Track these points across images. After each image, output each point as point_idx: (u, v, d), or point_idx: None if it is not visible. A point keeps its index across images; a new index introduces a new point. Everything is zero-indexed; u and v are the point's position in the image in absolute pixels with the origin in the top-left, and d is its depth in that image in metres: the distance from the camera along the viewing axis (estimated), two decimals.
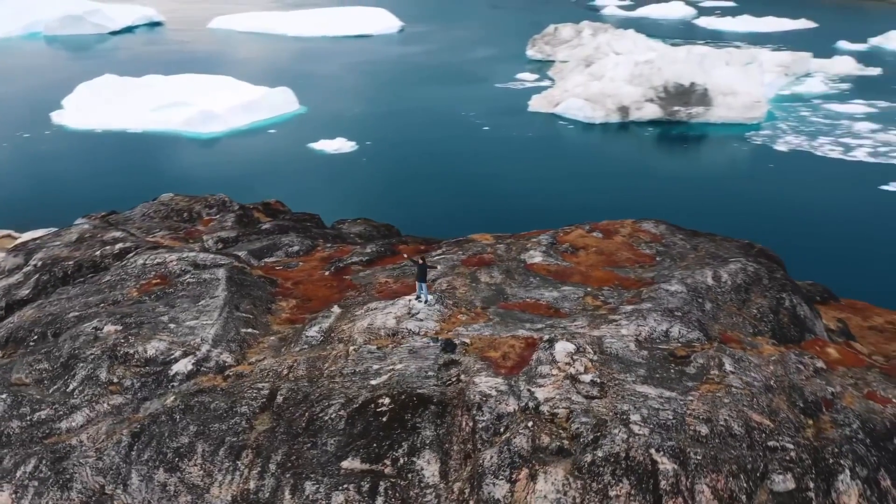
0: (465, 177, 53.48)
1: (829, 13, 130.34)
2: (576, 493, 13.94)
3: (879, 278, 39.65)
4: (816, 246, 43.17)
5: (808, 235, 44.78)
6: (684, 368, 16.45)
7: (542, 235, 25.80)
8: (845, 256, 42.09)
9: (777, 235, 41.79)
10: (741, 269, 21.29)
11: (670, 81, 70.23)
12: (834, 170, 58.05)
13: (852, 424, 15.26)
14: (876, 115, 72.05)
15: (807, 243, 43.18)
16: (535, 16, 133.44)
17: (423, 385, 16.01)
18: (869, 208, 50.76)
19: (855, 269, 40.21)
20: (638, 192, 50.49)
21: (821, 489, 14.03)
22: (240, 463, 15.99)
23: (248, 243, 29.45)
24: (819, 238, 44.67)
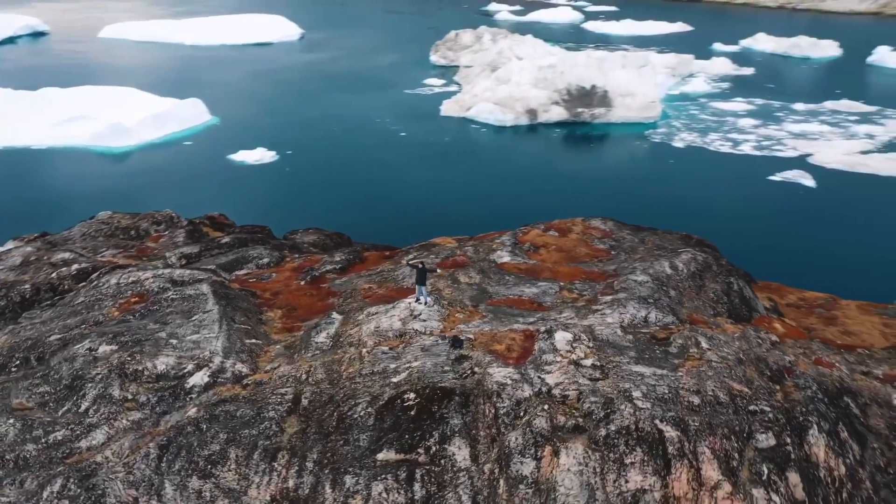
0: (393, 183, 54.87)
1: (702, 17, 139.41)
2: (596, 463, 15.88)
3: (779, 260, 43.80)
4: (720, 233, 47.01)
5: (711, 224, 48.63)
6: (667, 349, 18.72)
7: (504, 236, 27.70)
8: (747, 242, 46.12)
9: (686, 225, 45.56)
10: (692, 258, 23.93)
11: (573, 84, 74.01)
12: (726, 163, 63.06)
13: (812, 387, 17.91)
14: (755, 111, 78.38)
15: (711, 231, 47.06)
16: (431, 21, 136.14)
17: (442, 379, 17.54)
18: (760, 197, 55.59)
19: (757, 253, 44.21)
20: (559, 191, 53.44)
21: (795, 443, 16.53)
22: (276, 464, 17.02)
23: (213, 258, 29.91)
24: (721, 226, 48.56)
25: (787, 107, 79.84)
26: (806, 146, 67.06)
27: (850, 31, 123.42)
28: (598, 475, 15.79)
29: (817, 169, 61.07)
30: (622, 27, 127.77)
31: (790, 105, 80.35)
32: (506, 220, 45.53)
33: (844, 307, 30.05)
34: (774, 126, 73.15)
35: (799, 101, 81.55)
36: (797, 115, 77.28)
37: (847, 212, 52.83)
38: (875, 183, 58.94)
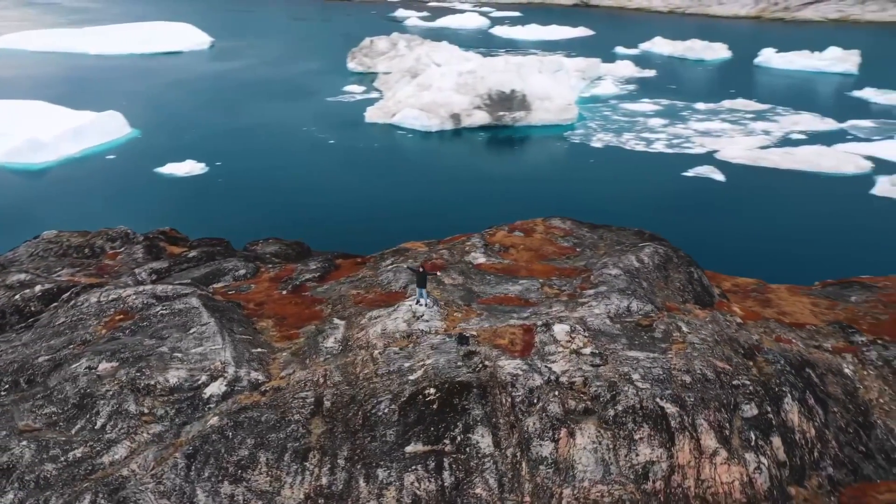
0: (332, 190, 55.48)
1: (601, 22, 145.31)
2: (608, 440, 17.61)
3: (703, 250, 47.12)
4: (648, 227, 50.16)
5: (638, 218, 51.74)
6: (652, 334, 20.67)
7: (473, 238, 29.19)
8: (672, 234, 49.33)
9: (618, 221, 48.47)
10: (655, 251, 26.12)
11: (493, 89, 76.38)
12: (642, 161, 66.77)
13: (780, 361, 20.24)
14: (662, 111, 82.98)
15: (639, 225, 50.19)
16: (339, 28, 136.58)
17: (458, 374, 18.86)
18: (677, 191, 59.28)
19: (683, 245, 47.43)
20: (497, 193, 55.51)
21: (774, 411, 18.75)
22: (308, 464, 17.92)
23: (185, 272, 30.09)
24: (647, 220, 51.70)
25: (690, 106, 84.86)
26: (712, 143, 71.67)
27: (736, 34, 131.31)
28: (611, 451, 17.53)
29: (724, 164, 65.45)
30: (528, 32, 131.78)
31: (692, 105, 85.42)
32: (456, 223, 47.24)
33: (775, 290, 33.11)
34: (681, 125, 77.74)
35: (700, 100, 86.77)
36: (700, 113, 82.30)
37: (755, 203, 57.07)
38: (776, 175, 63.72)
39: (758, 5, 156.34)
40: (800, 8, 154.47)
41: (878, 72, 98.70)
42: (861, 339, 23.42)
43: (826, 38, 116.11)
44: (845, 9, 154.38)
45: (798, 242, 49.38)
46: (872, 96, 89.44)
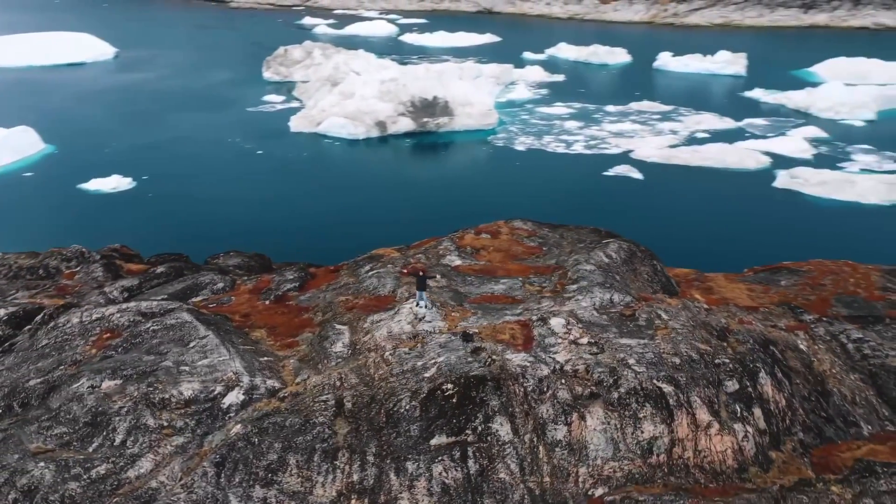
0: (272, 201, 55.49)
1: (506, 28, 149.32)
2: (616, 420, 19.32)
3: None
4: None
5: (572, 216, 54.27)
6: (636, 323, 22.58)
7: (444, 242, 30.49)
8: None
9: (554, 219, 50.91)
10: (619, 247, 28.18)
11: (416, 96, 77.83)
12: (565, 162, 69.76)
13: (749, 341, 22.52)
14: (576, 114, 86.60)
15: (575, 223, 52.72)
16: (245, 36, 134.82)
17: (470, 369, 20.15)
18: (601, 190, 62.40)
19: None
20: (439, 197, 57.08)
21: (751, 385, 20.95)
22: (337, 462, 18.80)
23: (159, 288, 30.05)
24: (581, 218, 54.36)
25: (601, 109, 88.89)
26: (626, 143, 75.52)
27: (633, 39, 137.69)
28: (619, 430, 19.25)
29: (640, 163, 69.18)
30: (437, 39, 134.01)
31: (603, 107, 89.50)
32: (408, 230, 48.46)
33: (713, 279, 35.89)
34: (596, 127, 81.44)
35: (609, 103, 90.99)
36: (611, 115, 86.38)
37: (673, 198, 60.75)
38: (687, 172, 67.89)
39: (649, 12, 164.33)
40: (687, 14, 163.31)
41: (762, 73, 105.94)
42: (809, 318, 26.17)
43: (714, 42, 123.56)
44: (727, 14, 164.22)
45: (717, 233, 53.03)
46: (761, 96, 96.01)
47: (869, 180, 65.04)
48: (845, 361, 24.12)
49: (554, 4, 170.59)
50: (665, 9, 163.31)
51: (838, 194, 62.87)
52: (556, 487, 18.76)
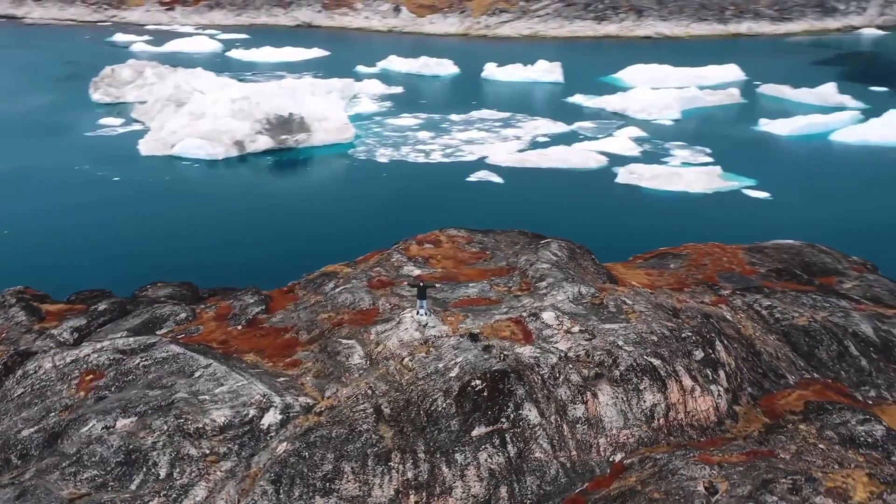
0: (150, 227, 53.60)
1: (331, 42, 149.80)
2: (622, 395, 22.31)
3: None
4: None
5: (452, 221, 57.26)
6: (608, 310, 25.75)
7: (394, 255, 32.09)
8: None
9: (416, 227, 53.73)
10: (560, 246, 31.36)
11: (271, 113, 77.48)
12: (430, 171, 72.77)
13: (697, 316, 26.44)
14: (425, 124, 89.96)
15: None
16: (58, 55, 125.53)
17: (491, 365, 22.26)
18: (467, 195, 65.92)
19: None
20: (324, 211, 57.78)
21: (711, 352, 24.79)
22: (391, 463, 20.24)
23: (113, 325, 29.15)
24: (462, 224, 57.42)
25: (446, 118, 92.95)
26: (479, 150, 79.91)
27: (454, 50, 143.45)
28: (626, 402, 22.26)
29: (497, 168, 73.64)
30: (265, 54, 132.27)
31: (447, 116, 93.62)
32: (309, 248, 49.08)
33: (613, 267, 40.17)
34: (447, 136, 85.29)
35: (452, 112, 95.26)
36: (457, 124, 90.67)
37: (533, 199, 65.36)
38: (540, 174, 73.19)
39: (463, 24, 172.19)
40: (498, 26, 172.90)
41: (577, 80, 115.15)
42: (725, 293, 30.77)
43: (530, 53, 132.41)
44: (533, 26, 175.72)
45: (578, 227, 57.86)
46: (583, 101, 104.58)
47: (691, 172, 73.68)
48: (763, 325, 28.82)
49: (373, 18, 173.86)
50: (478, 21, 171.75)
51: (669, 186, 70.76)
52: (583, 459, 21.44)
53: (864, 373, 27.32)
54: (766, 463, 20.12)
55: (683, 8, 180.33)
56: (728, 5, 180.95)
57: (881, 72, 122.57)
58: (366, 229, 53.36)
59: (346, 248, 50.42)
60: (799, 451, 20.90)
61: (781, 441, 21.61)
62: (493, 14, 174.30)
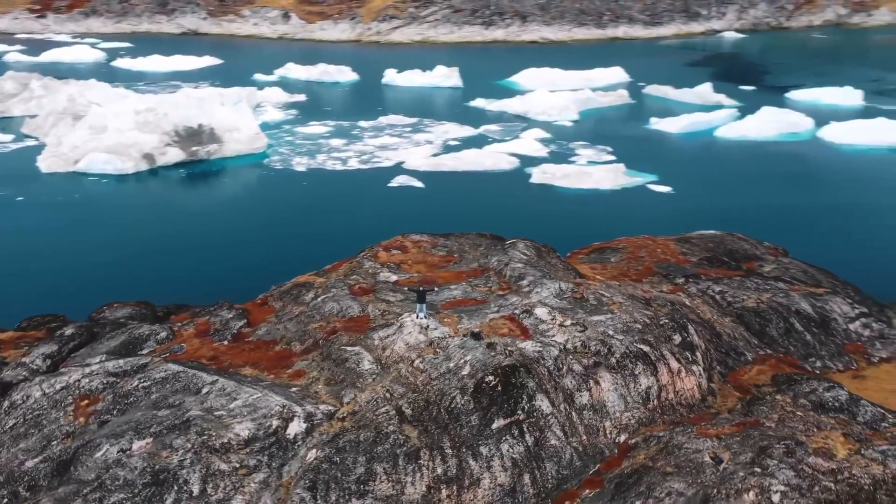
0: (78, 248, 51.29)
1: (223, 50, 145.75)
2: (620, 380, 23.96)
3: None
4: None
5: (378, 226, 57.89)
6: (590, 303, 27.40)
7: (365, 262, 32.58)
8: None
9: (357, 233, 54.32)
10: (526, 245, 32.83)
11: (179, 125, 75.28)
12: (350, 178, 72.88)
13: (666, 305, 28.56)
14: (335, 132, 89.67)
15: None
16: None
17: (500, 361, 23.37)
18: (388, 201, 66.67)
19: None
20: (245, 225, 56.97)
21: (686, 335, 26.84)
22: (421, 462, 21.01)
23: (89, 349, 28.22)
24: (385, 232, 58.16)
25: (356, 125, 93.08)
26: (394, 155, 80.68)
27: (350, 56, 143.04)
28: (625, 387, 23.94)
29: (416, 172, 74.65)
30: (153, 63, 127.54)
31: (356, 123, 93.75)
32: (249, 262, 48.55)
33: None
34: (360, 143, 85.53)
35: (360, 119, 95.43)
36: (368, 131, 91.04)
37: (457, 201, 66.92)
38: (457, 177, 74.77)
39: (355, 31, 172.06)
40: (389, 32, 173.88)
41: (475, 84, 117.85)
42: (679, 281, 33.16)
43: (426, 58, 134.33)
44: (424, 32, 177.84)
45: (507, 226, 60.00)
46: (485, 105, 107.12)
47: (599, 170, 77.25)
48: (718, 309, 31.37)
49: (262, 25, 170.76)
50: (369, 28, 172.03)
51: (581, 184, 73.98)
52: (592, 442, 22.93)
53: (810, 346, 30.32)
54: (758, 431, 22.25)
55: (564, 13, 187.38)
56: (605, 11, 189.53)
57: (746, 72, 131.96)
58: (307, 238, 53.30)
59: (293, 257, 50.47)
60: (781, 419, 23.19)
61: (764, 411, 23.87)
62: (384, 20, 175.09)
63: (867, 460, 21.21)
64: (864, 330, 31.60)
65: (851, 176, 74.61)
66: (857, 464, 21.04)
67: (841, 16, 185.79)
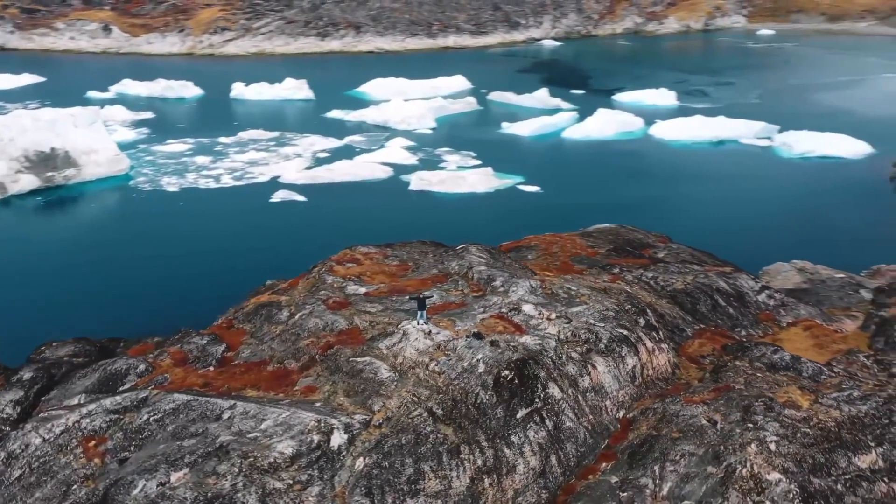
0: None
1: (42, 67, 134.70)
2: (612, 362, 26.39)
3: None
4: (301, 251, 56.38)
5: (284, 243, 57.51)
6: (561, 297, 29.63)
7: (327, 277, 32.89)
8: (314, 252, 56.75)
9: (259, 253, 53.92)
10: (480, 248, 34.57)
11: (30, 150, 69.86)
12: (229, 196, 71.11)
13: (621, 293, 31.38)
14: (198, 149, 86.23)
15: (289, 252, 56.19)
16: None
17: (509, 356, 25.00)
18: (269, 216, 65.97)
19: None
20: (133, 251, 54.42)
21: (647, 318, 29.82)
22: (462, 457, 22.27)
23: (62, 391, 26.53)
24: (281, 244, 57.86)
25: (216, 141, 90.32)
26: (267, 170, 79.44)
27: (184, 71, 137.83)
28: (616, 368, 26.40)
29: (293, 186, 74.15)
30: None
31: (217, 139, 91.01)
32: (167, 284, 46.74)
33: None
34: (227, 159, 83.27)
35: (220, 135, 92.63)
36: (231, 147, 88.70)
37: (345, 213, 67.44)
38: (338, 188, 75.07)
39: (185, 44, 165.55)
40: (223, 45, 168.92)
41: (327, 95, 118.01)
42: (616, 271, 36.26)
43: (266, 70, 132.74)
44: (259, 44, 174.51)
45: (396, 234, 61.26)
46: (343, 116, 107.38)
47: (471, 174, 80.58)
48: (654, 293, 34.74)
49: (80, 39, 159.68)
50: (200, 41, 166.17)
51: (459, 188, 76.85)
52: (598, 420, 25.17)
53: (734, 318, 34.43)
54: (735, 394, 25.46)
55: (396, 24, 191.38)
56: (433, 21, 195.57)
57: (572, 77, 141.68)
58: (207, 258, 51.99)
59: (200, 278, 49.14)
60: (747, 381, 26.60)
61: (730, 377, 27.21)
62: (216, 33, 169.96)
63: (825, 407, 25.00)
64: (769, 300, 36.28)
65: (685, 168, 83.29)
66: (819, 411, 24.76)
67: (638, 24, 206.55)
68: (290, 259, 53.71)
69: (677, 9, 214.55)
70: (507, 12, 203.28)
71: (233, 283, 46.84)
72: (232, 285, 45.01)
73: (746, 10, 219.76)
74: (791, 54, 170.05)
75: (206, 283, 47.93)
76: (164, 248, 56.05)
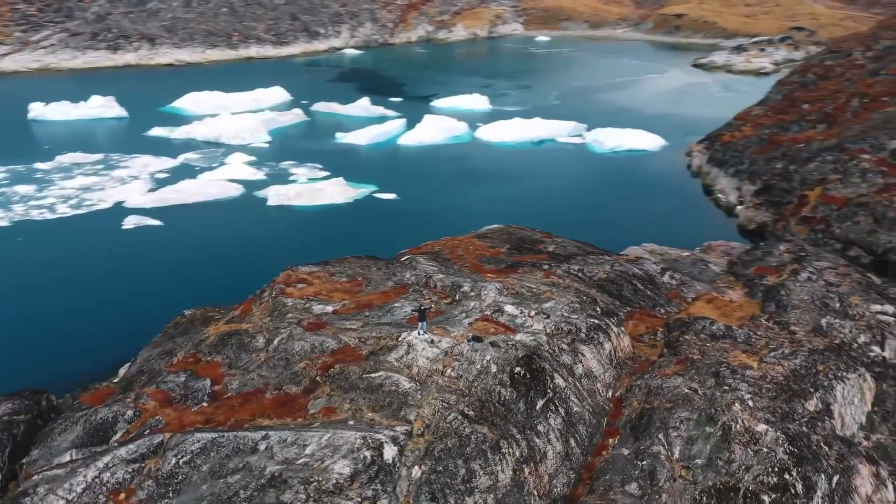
0: None
1: None
2: (595, 351, 28.84)
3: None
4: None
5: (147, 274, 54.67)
6: (526, 295, 31.59)
7: (286, 300, 32.34)
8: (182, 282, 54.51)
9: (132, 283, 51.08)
10: (426, 258, 35.62)
11: None
12: (69, 226, 65.67)
13: (571, 287, 33.95)
14: (13, 178, 78.32)
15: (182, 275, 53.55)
16: None
17: (516, 354, 26.58)
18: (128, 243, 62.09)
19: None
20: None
21: (602, 307, 32.62)
22: (503, 451, 23.59)
23: (44, 450, 24.12)
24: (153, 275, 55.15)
25: (34, 168, 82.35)
26: (106, 196, 74.02)
27: None
28: (599, 354, 28.90)
29: (142, 210, 69.80)
30: None
31: (32, 165, 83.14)
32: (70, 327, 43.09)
33: None
34: (54, 186, 76.34)
35: (34, 161, 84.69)
36: (53, 172, 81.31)
37: (210, 235, 64.97)
38: (189, 209, 71.84)
39: None
40: None
41: (141, 113, 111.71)
42: (546, 267, 38.81)
43: (61, 87, 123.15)
44: (41, 58, 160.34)
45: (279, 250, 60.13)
46: (166, 133, 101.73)
47: (327, 186, 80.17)
48: (584, 283, 37.76)
49: None
50: None
51: (318, 200, 76.40)
52: (596, 401, 27.52)
53: (652, 299, 38.33)
54: (699, 363, 28.89)
55: (193, 35, 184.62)
56: (232, 31, 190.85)
57: (385, 85, 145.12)
58: (87, 296, 48.22)
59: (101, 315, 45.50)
60: (702, 352, 30.20)
61: (685, 349, 30.68)
62: None
63: (770, 365, 29.14)
64: (672, 280, 40.71)
65: (515, 166, 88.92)
66: (768, 369, 28.81)
67: (429, 32, 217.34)
68: (188, 286, 51.31)
69: (462, 17, 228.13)
70: (305, 22, 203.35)
71: (136, 317, 44.10)
72: (139, 321, 42.53)
73: (522, 18, 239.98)
74: (569, 58, 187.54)
75: (103, 319, 44.61)
76: (38, 289, 51.02)
